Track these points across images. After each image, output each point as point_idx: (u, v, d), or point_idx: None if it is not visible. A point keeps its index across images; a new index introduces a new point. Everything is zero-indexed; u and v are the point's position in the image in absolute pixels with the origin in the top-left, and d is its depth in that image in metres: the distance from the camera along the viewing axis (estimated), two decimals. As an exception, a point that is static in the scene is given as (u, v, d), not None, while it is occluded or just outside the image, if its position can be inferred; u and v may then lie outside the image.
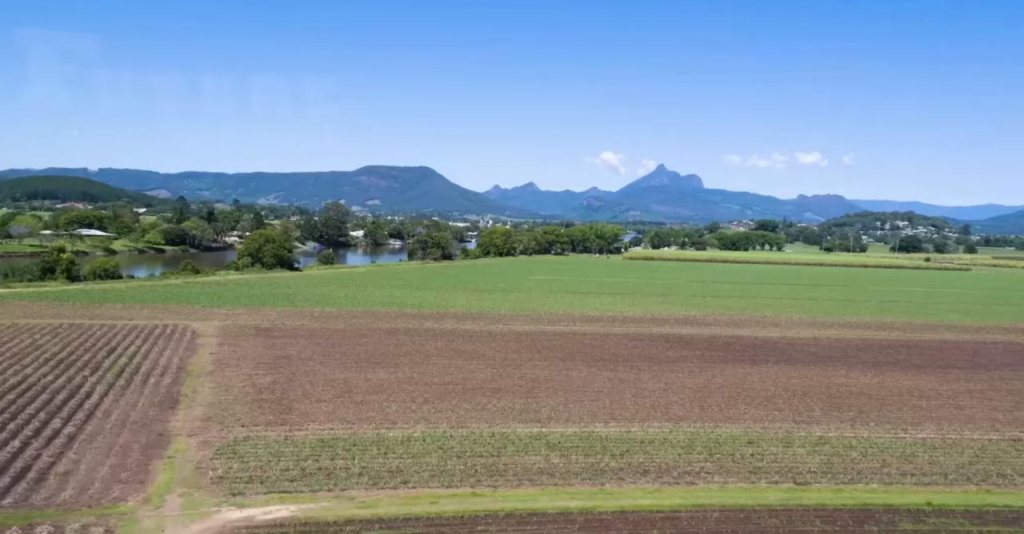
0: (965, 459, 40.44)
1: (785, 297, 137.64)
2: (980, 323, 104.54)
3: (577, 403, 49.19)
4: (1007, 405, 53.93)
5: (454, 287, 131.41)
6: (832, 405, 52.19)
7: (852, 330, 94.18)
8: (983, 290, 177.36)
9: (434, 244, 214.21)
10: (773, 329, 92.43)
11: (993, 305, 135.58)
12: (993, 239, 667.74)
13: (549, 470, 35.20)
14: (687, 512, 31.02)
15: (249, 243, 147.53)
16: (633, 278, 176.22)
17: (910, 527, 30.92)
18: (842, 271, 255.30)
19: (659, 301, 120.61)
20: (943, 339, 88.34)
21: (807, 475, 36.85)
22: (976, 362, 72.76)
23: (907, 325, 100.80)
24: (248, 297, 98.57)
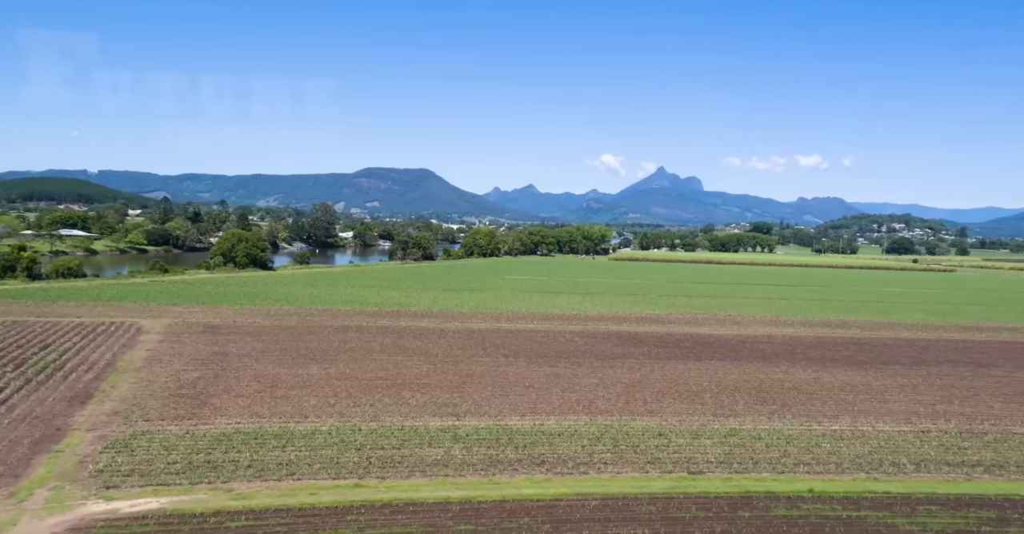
0: (865, 449, 40.90)
1: (757, 297, 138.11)
2: (941, 322, 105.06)
3: (502, 397, 49.51)
4: (931, 399, 54.36)
5: (424, 286, 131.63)
6: (759, 399, 52.58)
7: (811, 328, 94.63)
8: (958, 291, 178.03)
9: (415, 244, 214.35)
10: (732, 327, 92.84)
11: (962, 305, 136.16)
12: (989, 241, 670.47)
13: (445, 462, 35.50)
14: (567, 500, 31.35)
15: (221, 243, 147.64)
16: (610, 278, 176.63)
17: (782, 512, 31.33)
18: (825, 272, 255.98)
19: (627, 300, 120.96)
20: (898, 337, 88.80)
21: (703, 465, 37.25)
22: (920, 358, 73.21)
23: (868, 323, 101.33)
24: (209, 295, 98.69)
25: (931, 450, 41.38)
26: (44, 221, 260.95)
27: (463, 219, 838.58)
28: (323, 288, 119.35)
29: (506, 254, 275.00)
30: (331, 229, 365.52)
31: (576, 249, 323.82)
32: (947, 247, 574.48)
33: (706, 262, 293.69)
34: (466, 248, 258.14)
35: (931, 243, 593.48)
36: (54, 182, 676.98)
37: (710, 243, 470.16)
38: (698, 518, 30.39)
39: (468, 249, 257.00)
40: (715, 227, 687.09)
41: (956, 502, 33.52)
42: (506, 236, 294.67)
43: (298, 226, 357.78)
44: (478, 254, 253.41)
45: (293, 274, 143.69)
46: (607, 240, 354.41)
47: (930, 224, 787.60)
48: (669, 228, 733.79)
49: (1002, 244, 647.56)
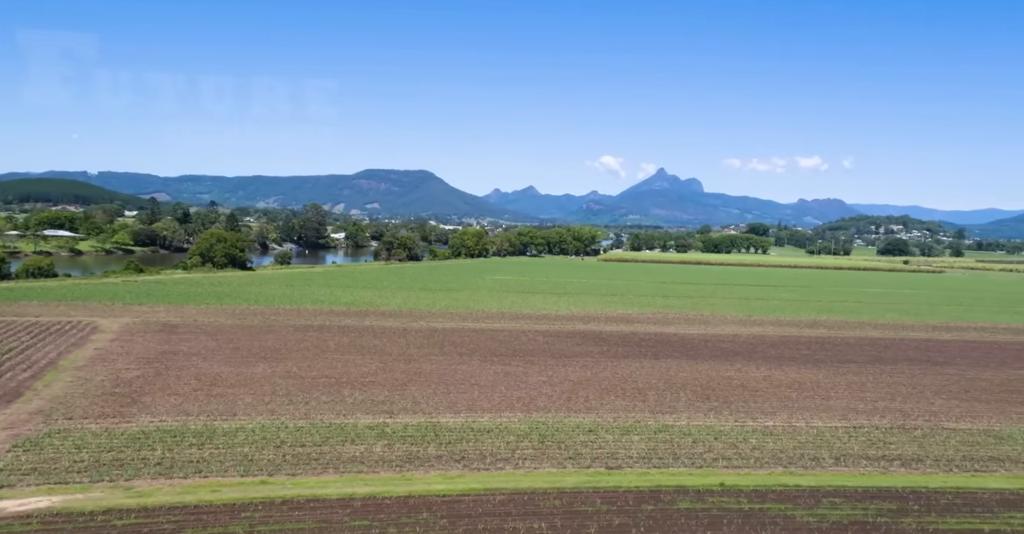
0: (791, 444, 41.08)
1: (736, 297, 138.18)
2: (912, 322, 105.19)
3: (443, 395, 49.55)
4: (875, 396, 54.51)
5: (401, 287, 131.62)
6: (702, 396, 52.69)
7: (779, 328, 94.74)
8: (940, 292, 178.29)
9: (400, 245, 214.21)
10: (700, 327, 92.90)
11: (940, 305, 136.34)
12: (986, 243, 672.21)
13: (363, 458, 35.54)
14: (474, 496, 31.41)
15: (200, 243, 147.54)
16: (593, 279, 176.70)
17: (686, 505, 31.48)
18: (812, 273, 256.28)
19: (603, 300, 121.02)
20: (863, 336, 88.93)
21: (624, 460, 37.36)
22: (878, 357, 73.34)
23: (838, 323, 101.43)
24: (178, 295, 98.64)
25: (856, 445, 41.54)
26: (31, 222, 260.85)
27: (462, 221, 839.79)
28: (297, 288, 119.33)
29: (494, 255, 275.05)
30: (321, 230, 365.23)
31: (566, 250, 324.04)
32: (941, 249, 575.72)
33: (695, 263, 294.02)
34: (453, 249, 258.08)
35: (926, 244, 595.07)
36: (51, 183, 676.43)
37: (703, 244, 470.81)
38: (600, 511, 30.49)
39: (456, 250, 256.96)
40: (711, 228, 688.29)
41: (862, 494, 33.69)
42: (495, 237, 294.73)
43: (288, 227, 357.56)
44: (465, 255, 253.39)
45: (272, 274, 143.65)
46: (597, 241, 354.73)
47: (928, 226, 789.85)
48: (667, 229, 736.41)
49: (999, 246, 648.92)
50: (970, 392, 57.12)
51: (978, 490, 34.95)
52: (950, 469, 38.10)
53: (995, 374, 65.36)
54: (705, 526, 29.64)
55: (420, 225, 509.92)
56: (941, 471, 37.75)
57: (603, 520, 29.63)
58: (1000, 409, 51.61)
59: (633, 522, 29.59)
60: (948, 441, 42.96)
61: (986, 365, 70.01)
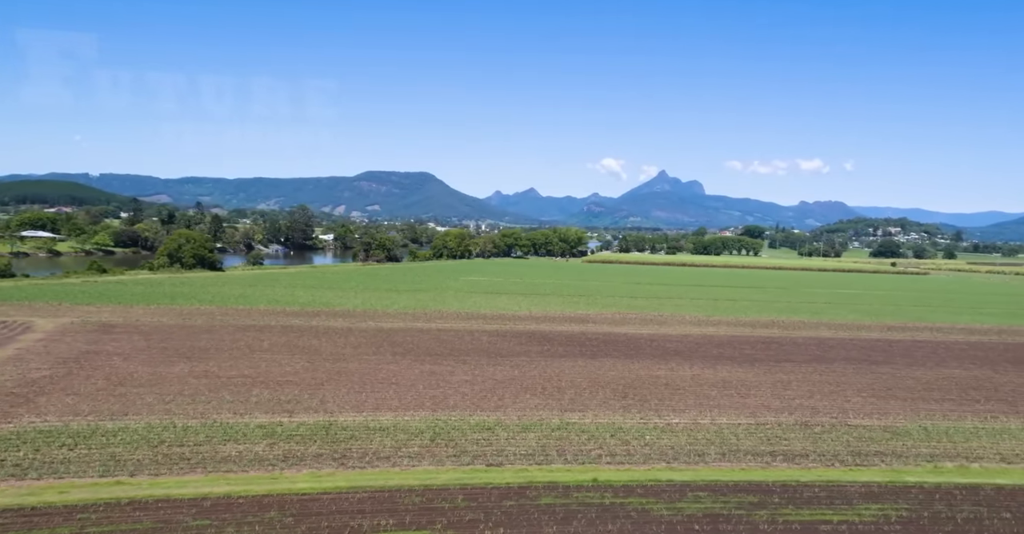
0: (683, 441, 41.06)
1: (705, 298, 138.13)
2: (871, 322, 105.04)
3: (355, 394, 49.37)
4: (795, 394, 54.41)
5: (367, 287, 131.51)
6: (621, 395, 52.55)
7: (733, 328, 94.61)
8: (915, 293, 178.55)
9: (378, 246, 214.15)
10: (653, 327, 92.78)
11: (907, 306, 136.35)
12: (983, 245, 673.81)
13: (239, 458, 35.31)
14: (334, 494, 31.23)
15: (168, 243, 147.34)
16: (568, 280, 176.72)
17: (549, 501, 31.41)
18: (794, 274, 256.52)
19: (568, 301, 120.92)
20: (815, 336, 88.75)
21: (508, 457, 37.21)
22: (819, 356, 73.22)
23: (796, 323, 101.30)
24: (131, 295, 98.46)
25: (750, 441, 41.47)
26: (13, 222, 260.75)
27: (462, 222, 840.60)
28: (260, 288, 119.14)
29: (478, 256, 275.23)
30: (308, 231, 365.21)
31: (552, 252, 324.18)
32: (935, 251, 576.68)
33: (679, 265, 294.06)
34: (435, 250, 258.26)
35: (919, 247, 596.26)
36: (48, 185, 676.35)
37: (693, 246, 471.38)
38: (458, 508, 30.36)
39: (437, 251, 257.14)
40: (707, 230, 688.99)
41: (730, 488, 33.67)
42: (478, 238, 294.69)
43: (275, 228, 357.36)
44: (447, 256, 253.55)
45: (240, 275, 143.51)
46: (584, 243, 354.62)
47: (926, 228, 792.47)
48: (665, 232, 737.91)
49: (996, 248, 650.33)
50: (892, 390, 57.01)
51: (847, 483, 34.93)
52: (832, 463, 38.03)
53: (928, 373, 65.27)
54: (558, 520, 29.54)
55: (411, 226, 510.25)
56: (821, 465, 37.69)
57: (455, 516, 29.49)
58: (913, 406, 51.52)
59: (484, 518, 29.46)
60: (843, 437, 42.87)
61: (923, 364, 69.93)
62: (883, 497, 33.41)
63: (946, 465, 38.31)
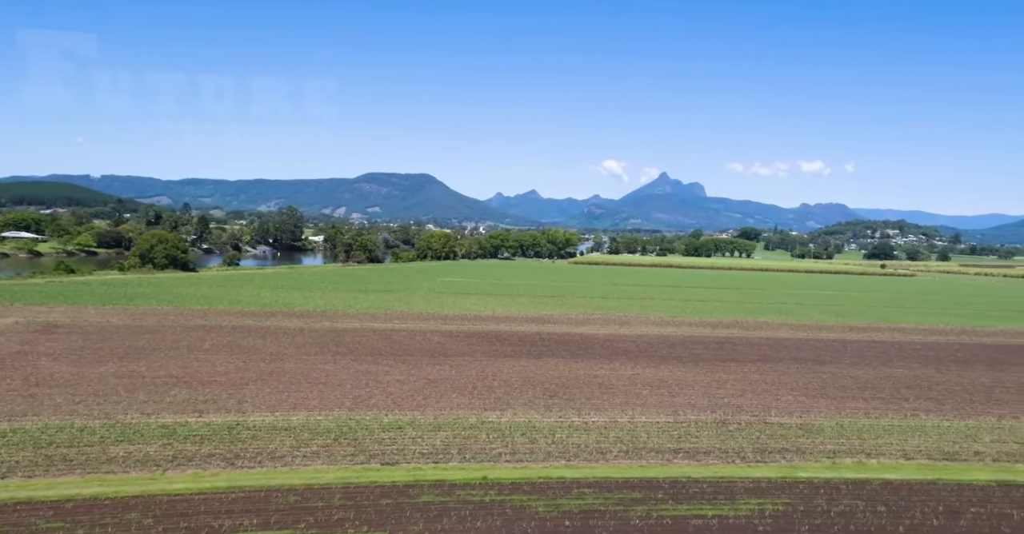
0: (591, 439, 40.91)
1: (677, 298, 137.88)
2: (834, 323, 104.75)
3: (278, 394, 49.07)
4: (727, 393, 54.21)
5: (338, 288, 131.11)
6: (550, 394, 52.31)
7: (693, 328, 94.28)
8: (892, 294, 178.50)
9: (360, 247, 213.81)
10: (614, 327, 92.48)
11: (879, 307, 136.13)
12: (980, 248, 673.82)
13: (125, 459, 34.89)
14: (208, 495, 30.88)
15: (140, 244, 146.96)
16: (547, 281, 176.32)
17: (428, 499, 31.28)
18: (778, 276, 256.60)
19: (538, 301, 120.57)
20: (772, 336, 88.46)
21: (407, 456, 36.98)
22: (768, 356, 72.95)
23: (759, 324, 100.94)
24: (91, 295, 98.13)
25: (660, 438, 41.30)
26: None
27: (461, 224, 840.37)
28: (227, 289, 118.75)
29: (463, 257, 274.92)
30: (297, 232, 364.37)
31: (540, 253, 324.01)
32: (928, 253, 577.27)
33: (666, 266, 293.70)
34: (420, 251, 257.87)
35: (913, 249, 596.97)
36: (46, 186, 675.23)
37: (685, 248, 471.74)
38: (332, 507, 30.09)
39: (422, 252, 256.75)
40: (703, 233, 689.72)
41: (619, 485, 33.61)
42: (464, 240, 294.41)
43: (263, 229, 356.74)
44: (432, 257, 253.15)
45: (213, 275, 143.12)
46: (572, 244, 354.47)
47: (924, 230, 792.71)
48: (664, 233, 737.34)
49: (992, 250, 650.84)
50: (826, 389, 56.78)
51: (739, 479, 34.84)
52: (732, 460, 37.89)
53: (870, 372, 65.03)
54: (429, 518, 29.29)
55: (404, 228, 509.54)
56: (722, 462, 37.54)
57: (324, 515, 29.20)
58: (840, 405, 51.31)
59: (355, 516, 29.18)
60: (755, 434, 42.67)
61: (869, 364, 69.69)
62: (768, 492, 33.22)
63: (844, 461, 38.13)
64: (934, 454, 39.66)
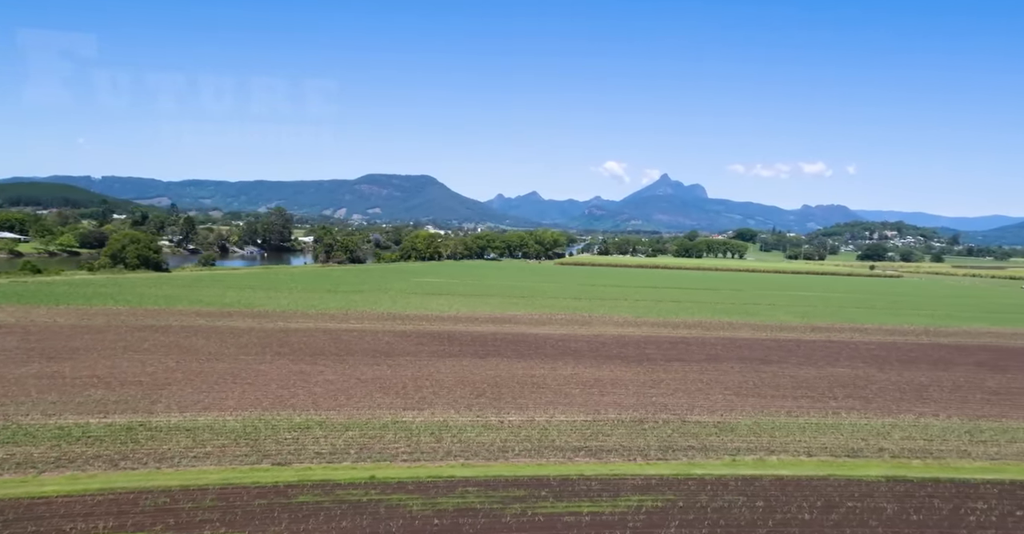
0: (499, 437, 40.65)
1: (648, 299, 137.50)
2: (797, 323, 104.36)
3: (199, 394, 48.49)
4: (659, 392, 53.85)
5: (309, 288, 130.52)
6: (477, 393, 51.85)
7: (654, 328, 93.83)
8: (870, 295, 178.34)
9: (341, 247, 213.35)
10: (574, 326, 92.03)
11: (848, 307, 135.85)
12: (977, 249, 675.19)
13: (4, 460, 34.22)
14: (75, 497, 30.18)
15: (112, 244, 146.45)
16: (525, 281, 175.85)
17: (306, 499, 30.82)
18: (763, 277, 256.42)
19: (506, 302, 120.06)
20: (728, 336, 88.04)
21: (304, 456, 36.44)
22: (716, 356, 72.48)
23: (720, 324, 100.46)
24: (49, 295, 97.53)
25: (569, 437, 40.95)
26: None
27: (461, 225, 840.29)
28: (194, 289, 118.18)
29: (449, 258, 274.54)
30: (286, 233, 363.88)
31: (528, 254, 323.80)
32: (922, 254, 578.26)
33: (652, 267, 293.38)
34: (403, 252, 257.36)
35: (907, 250, 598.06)
36: (43, 187, 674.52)
37: (677, 249, 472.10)
38: (199, 508, 29.57)
39: (406, 253, 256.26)
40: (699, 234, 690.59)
41: (508, 483, 33.33)
42: (449, 240, 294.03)
43: (252, 229, 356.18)
44: (416, 258, 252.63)
45: (184, 276, 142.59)
46: (560, 245, 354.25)
47: (922, 232, 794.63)
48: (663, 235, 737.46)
49: (990, 251, 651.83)
50: (760, 388, 56.36)
51: (631, 476, 34.54)
52: (633, 458, 37.49)
53: (812, 372, 64.64)
54: (299, 518, 28.75)
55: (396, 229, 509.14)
56: (623, 460, 37.22)
57: (188, 517, 28.68)
58: (766, 404, 50.88)
59: (220, 517, 28.63)
60: (667, 433, 42.27)
61: (814, 363, 69.29)
62: (655, 489, 32.85)
63: (745, 459, 37.71)
64: (838, 451, 39.25)
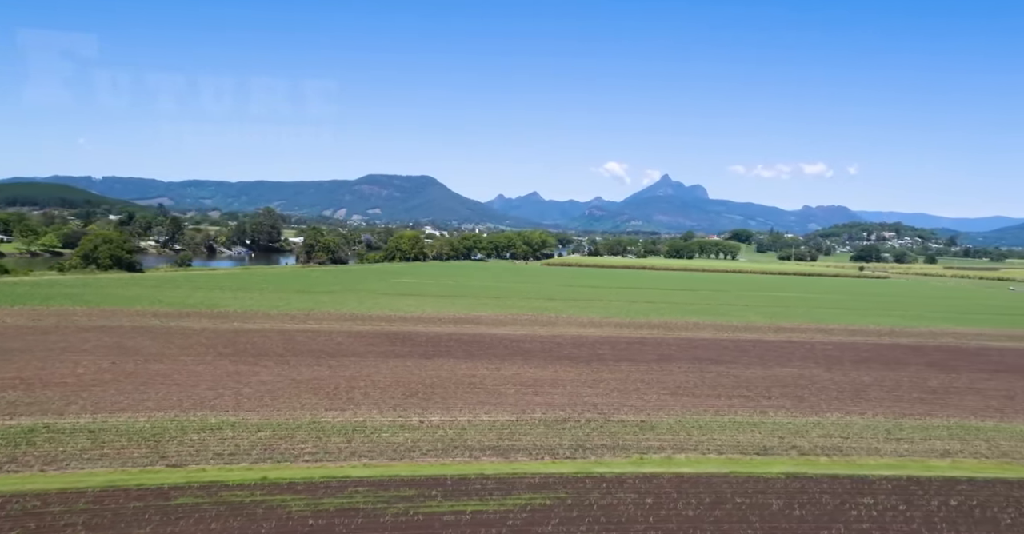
0: (410, 438, 40.18)
1: (622, 300, 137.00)
2: (763, 323, 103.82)
3: (122, 396, 47.57)
4: (596, 392, 53.37)
5: (280, 289, 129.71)
6: (410, 393, 51.19)
7: (617, 329, 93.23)
8: (848, 296, 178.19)
9: (322, 248, 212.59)
10: (535, 327, 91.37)
11: (822, 308, 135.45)
12: (974, 250, 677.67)
13: None
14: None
15: (84, 244, 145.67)
16: (505, 282, 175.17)
17: (185, 501, 30.10)
18: (748, 277, 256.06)
19: (477, 302, 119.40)
20: (687, 337, 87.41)
21: (201, 457, 35.69)
22: (667, 356, 71.92)
23: (685, 324, 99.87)
24: (7, 296, 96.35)
25: (483, 437, 40.48)
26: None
27: (461, 226, 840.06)
28: (161, 290, 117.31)
29: (434, 258, 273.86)
30: (274, 233, 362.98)
31: (516, 255, 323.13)
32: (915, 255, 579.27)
33: (639, 267, 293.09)
34: (387, 252, 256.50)
35: (901, 251, 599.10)
36: (41, 187, 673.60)
37: (668, 249, 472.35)
38: (70, 511, 28.75)
39: (390, 253, 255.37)
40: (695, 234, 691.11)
41: (401, 483, 32.80)
42: (435, 241, 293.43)
43: (240, 230, 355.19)
44: (400, 259, 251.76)
45: (155, 276, 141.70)
46: (548, 245, 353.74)
47: (920, 233, 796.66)
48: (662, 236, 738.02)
49: (987, 253, 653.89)
50: (698, 388, 55.80)
51: (531, 475, 34.05)
52: (540, 457, 37.03)
53: (759, 372, 64.09)
54: (168, 521, 28.00)
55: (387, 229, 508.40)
56: (530, 459, 36.75)
57: (52, 520, 27.83)
58: (699, 403, 50.33)
59: (84, 521, 27.84)
60: (585, 432, 41.82)
61: (765, 363, 68.76)
62: (550, 487, 32.38)
63: (653, 457, 37.21)
64: (749, 449, 38.71)
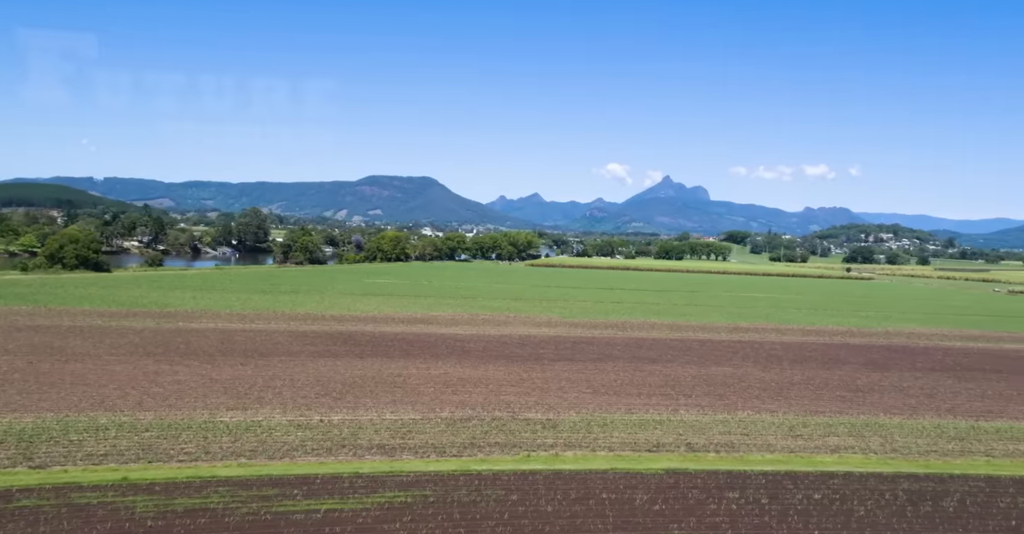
0: (301, 437, 39.59)
1: (591, 300, 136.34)
2: (724, 323, 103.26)
3: (18, 395, 46.67)
4: (517, 391, 52.96)
5: (246, 289, 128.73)
6: (322, 393, 50.52)
7: (570, 329, 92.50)
8: (820, 296, 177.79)
9: (299, 248, 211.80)
10: (488, 327, 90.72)
11: (790, 309, 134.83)
12: (970, 252, 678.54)
13: None
14: None
15: (49, 244, 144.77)
16: (481, 282, 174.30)
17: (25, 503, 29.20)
18: (729, 279, 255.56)
19: (439, 302, 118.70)
20: (637, 337, 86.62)
21: (69, 458, 34.88)
22: (608, 355, 71.25)
23: (641, 324, 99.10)
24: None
25: (375, 436, 39.86)
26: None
27: (461, 227, 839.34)
28: (121, 290, 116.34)
29: (417, 259, 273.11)
30: (261, 233, 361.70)
31: (501, 255, 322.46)
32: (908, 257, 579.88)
33: (623, 268, 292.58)
34: (369, 253, 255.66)
35: (895, 252, 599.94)
36: (39, 188, 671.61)
37: (658, 251, 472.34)
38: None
39: (371, 254, 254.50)
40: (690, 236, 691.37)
41: (268, 482, 32.14)
42: (418, 241, 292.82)
43: (226, 230, 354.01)
44: (381, 259, 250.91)
45: (122, 276, 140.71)
46: (534, 246, 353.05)
47: (918, 234, 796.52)
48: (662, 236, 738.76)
49: (983, 254, 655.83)
50: (624, 386, 55.16)
51: (407, 473, 33.61)
52: (427, 455, 36.61)
53: (692, 371, 63.46)
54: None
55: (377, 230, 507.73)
56: (416, 457, 36.36)
57: None
58: (616, 401, 49.80)
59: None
60: (484, 430, 41.38)
61: (703, 363, 68.12)
62: (420, 485, 32.01)
63: (540, 455, 36.68)
64: (642, 446, 38.13)
